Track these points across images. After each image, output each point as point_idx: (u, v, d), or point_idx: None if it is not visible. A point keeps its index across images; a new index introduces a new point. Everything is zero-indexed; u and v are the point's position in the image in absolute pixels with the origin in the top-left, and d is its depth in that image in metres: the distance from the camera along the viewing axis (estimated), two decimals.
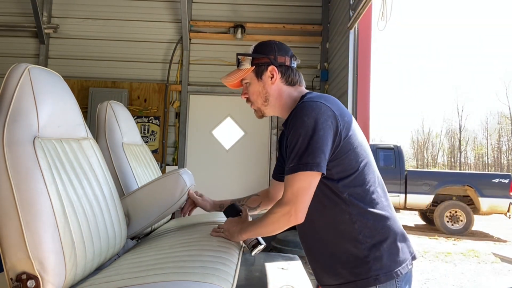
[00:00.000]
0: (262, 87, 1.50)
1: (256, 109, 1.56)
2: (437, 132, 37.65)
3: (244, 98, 1.57)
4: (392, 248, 1.34)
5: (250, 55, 1.51)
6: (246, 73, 1.50)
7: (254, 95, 1.52)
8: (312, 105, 1.32)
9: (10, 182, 1.17)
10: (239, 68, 1.53)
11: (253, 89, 1.51)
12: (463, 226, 8.99)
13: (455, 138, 35.76)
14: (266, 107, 1.52)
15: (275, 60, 1.49)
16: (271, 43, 1.52)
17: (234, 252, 1.45)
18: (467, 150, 36.00)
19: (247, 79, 1.52)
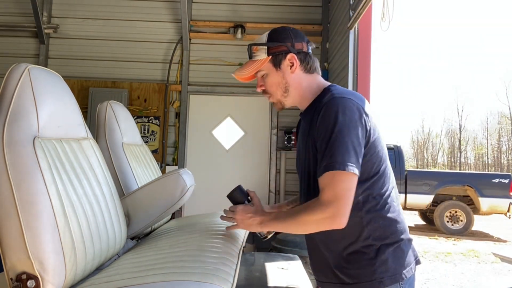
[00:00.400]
0: (282, 77, 1.40)
1: (275, 101, 1.46)
2: (437, 132, 37.68)
3: (260, 91, 1.47)
4: (398, 251, 1.31)
5: (265, 44, 1.40)
6: (263, 63, 1.40)
7: (273, 86, 1.43)
8: (346, 103, 1.26)
9: (10, 182, 1.17)
10: (254, 59, 1.42)
11: (272, 80, 1.42)
12: (463, 226, 8.99)
13: (455, 138, 35.77)
14: (286, 98, 1.43)
15: (292, 47, 1.39)
16: (286, 29, 1.43)
17: (234, 252, 1.44)
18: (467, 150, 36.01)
19: (263, 70, 1.42)
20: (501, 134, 34.09)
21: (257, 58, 1.41)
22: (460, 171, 20.57)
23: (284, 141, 4.98)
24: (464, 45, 63.26)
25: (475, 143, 36.29)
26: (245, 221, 1.39)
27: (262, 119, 5.14)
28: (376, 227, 1.30)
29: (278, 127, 5.07)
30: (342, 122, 1.22)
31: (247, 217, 1.39)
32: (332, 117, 1.23)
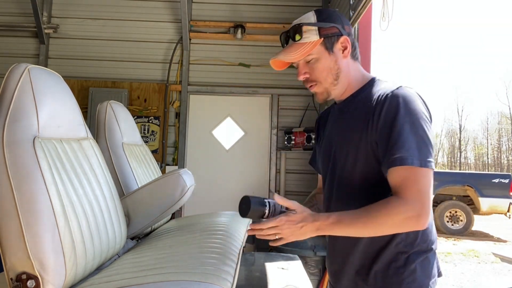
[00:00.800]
0: (334, 62, 1.26)
1: (321, 91, 1.28)
2: (437, 132, 37.66)
3: (303, 79, 1.28)
4: (426, 262, 1.21)
5: (317, 25, 1.24)
6: (314, 46, 1.24)
7: (324, 72, 1.25)
8: (414, 95, 1.17)
9: (10, 182, 1.17)
10: (300, 42, 1.24)
11: (323, 66, 1.25)
12: (463, 226, 8.99)
13: (455, 138, 35.76)
14: (336, 87, 1.27)
15: (343, 29, 1.27)
16: (332, 10, 1.31)
17: (234, 252, 1.44)
18: (467, 150, 36.01)
19: (313, 54, 1.24)
20: (501, 134, 34.09)
21: (306, 40, 1.24)
22: (460, 171, 20.56)
23: (284, 141, 4.98)
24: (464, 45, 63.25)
25: (475, 143, 36.30)
26: (296, 232, 1.13)
27: (262, 119, 5.14)
28: (411, 233, 1.19)
29: (278, 127, 5.07)
30: (415, 114, 1.13)
31: (298, 227, 1.13)
32: (402, 108, 1.13)
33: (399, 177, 1.10)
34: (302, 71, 1.28)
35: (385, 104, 1.16)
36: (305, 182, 4.91)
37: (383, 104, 1.16)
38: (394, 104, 1.14)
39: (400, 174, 1.10)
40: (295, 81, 5.10)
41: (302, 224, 1.13)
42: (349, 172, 1.25)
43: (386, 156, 1.13)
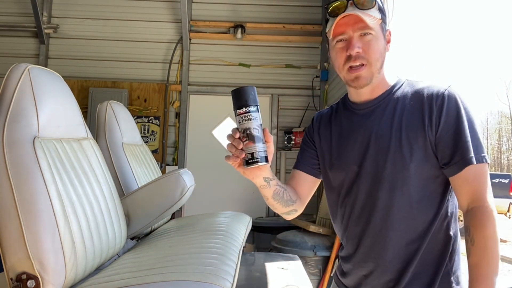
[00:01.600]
0: (383, 48, 1.17)
1: (366, 75, 1.16)
2: None
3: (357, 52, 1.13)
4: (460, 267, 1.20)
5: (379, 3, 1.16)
6: (378, 23, 1.15)
7: (378, 53, 1.15)
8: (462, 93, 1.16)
9: (10, 182, 1.17)
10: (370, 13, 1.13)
11: (378, 46, 1.15)
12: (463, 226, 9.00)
13: None
14: (378, 75, 1.18)
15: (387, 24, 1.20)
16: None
17: (234, 252, 1.44)
18: None
19: (373, 31, 1.13)
20: (501, 134, 34.09)
21: (372, 13, 1.13)
22: None
23: (284, 141, 4.98)
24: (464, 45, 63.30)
25: None
26: None
27: (262, 119, 5.14)
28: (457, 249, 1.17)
29: (278, 127, 5.07)
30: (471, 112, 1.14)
31: None
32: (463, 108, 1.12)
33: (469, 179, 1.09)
34: (357, 44, 1.13)
35: (444, 105, 1.12)
36: None
37: (442, 103, 1.12)
38: (453, 104, 1.12)
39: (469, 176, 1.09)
40: (295, 81, 5.11)
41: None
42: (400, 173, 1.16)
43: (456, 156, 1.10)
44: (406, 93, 1.19)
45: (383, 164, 1.18)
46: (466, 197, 1.10)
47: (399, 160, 1.15)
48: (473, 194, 1.09)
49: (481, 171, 1.09)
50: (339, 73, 1.20)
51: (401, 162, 1.15)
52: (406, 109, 1.17)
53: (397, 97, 1.20)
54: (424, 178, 1.15)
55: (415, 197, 1.15)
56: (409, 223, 1.16)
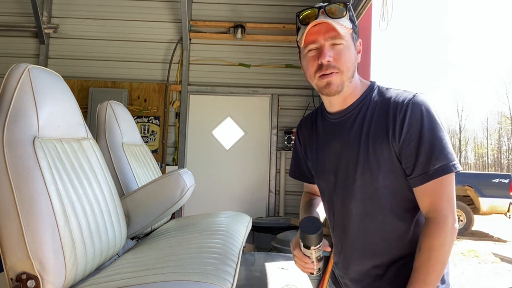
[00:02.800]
0: (355, 57, 1.17)
1: (338, 82, 1.15)
2: None
3: (327, 61, 1.13)
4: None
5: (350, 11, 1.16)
6: (348, 32, 1.15)
7: (349, 63, 1.15)
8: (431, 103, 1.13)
9: (10, 182, 1.17)
10: (342, 22, 1.13)
11: (350, 55, 1.15)
12: (463, 226, 8.98)
13: (455, 138, 35.77)
14: (350, 84, 1.17)
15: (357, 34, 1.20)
16: None
17: (234, 252, 1.44)
18: (467, 150, 36.02)
19: (344, 40, 1.13)
20: (501, 134, 34.10)
21: (344, 23, 1.14)
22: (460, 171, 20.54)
23: (284, 141, 4.98)
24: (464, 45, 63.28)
25: (475, 143, 36.31)
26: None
27: (262, 119, 5.14)
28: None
29: (278, 127, 5.07)
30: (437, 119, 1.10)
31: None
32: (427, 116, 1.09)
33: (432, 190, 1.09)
34: (328, 53, 1.13)
35: (407, 114, 1.10)
36: None
37: (405, 113, 1.10)
38: (416, 114, 1.10)
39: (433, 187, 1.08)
40: (295, 81, 5.11)
41: None
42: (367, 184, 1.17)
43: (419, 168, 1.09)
44: (376, 102, 1.19)
45: (353, 176, 1.19)
46: (424, 207, 1.11)
47: (367, 172, 1.16)
48: (430, 205, 1.09)
49: (442, 183, 1.08)
50: (311, 81, 1.20)
51: (370, 174, 1.15)
52: (373, 119, 1.17)
53: (367, 107, 1.19)
54: (394, 188, 1.16)
55: (387, 206, 1.16)
56: (385, 231, 1.17)
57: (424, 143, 1.08)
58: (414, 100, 1.11)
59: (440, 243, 1.07)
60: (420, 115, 1.09)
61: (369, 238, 1.19)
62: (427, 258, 1.07)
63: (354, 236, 1.22)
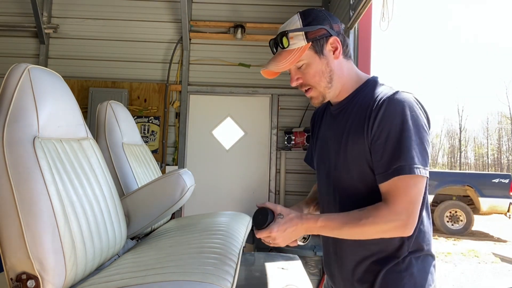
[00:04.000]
0: (326, 64, 1.22)
1: (316, 95, 1.25)
2: (437, 132, 37.67)
3: (297, 85, 1.25)
4: (427, 265, 1.20)
5: (303, 29, 1.20)
6: (302, 52, 1.19)
7: (316, 76, 1.22)
8: (412, 100, 1.13)
9: (10, 182, 1.17)
10: (289, 49, 1.20)
11: (314, 70, 1.21)
12: (463, 226, 8.99)
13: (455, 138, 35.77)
14: (330, 90, 1.24)
15: (332, 29, 1.21)
16: (319, 10, 1.25)
17: (234, 252, 1.44)
18: (467, 150, 36.01)
19: (303, 60, 1.21)
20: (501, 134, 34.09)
21: (294, 46, 1.20)
22: (460, 171, 20.56)
23: (284, 141, 4.98)
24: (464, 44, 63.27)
25: (475, 143, 36.30)
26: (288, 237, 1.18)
27: (262, 119, 5.14)
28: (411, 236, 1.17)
29: (278, 127, 5.07)
30: (412, 120, 1.09)
31: (288, 232, 1.17)
32: (400, 115, 1.10)
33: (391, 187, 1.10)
34: (295, 77, 1.25)
35: (380, 111, 1.12)
36: (305, 182, 4.91)
37: (379, 110, 1.12)
38: (390, 112, 1.11)
39: (392, 185, 1.10)
40: None
41: (292, 229, 1.16)
42: (345, 177, 1.22)
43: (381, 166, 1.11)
44: (365, 96, 1.22)
45: (335, 166, 1.25)
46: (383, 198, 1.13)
47: (345, 165, 1.21)
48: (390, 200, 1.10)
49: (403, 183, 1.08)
50: None
51: (347, 167, 1.20)
52: (358, 113, 1.20)
53: (357, 101, 1.23)
54: (370, 183, 1.17)
55: (363, 202, 1.17)
56: None
57: (390, 142, 1.09)
58: (391, 98, 1.13)
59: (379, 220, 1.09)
60: (392, 114, 1.11)
61: None
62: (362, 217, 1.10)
63: None
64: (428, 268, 1.20)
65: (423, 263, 1.20)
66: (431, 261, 1.23)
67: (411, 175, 1.07)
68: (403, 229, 1.09)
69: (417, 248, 1.19)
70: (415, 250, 1.19)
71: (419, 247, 1.19)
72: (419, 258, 1.19)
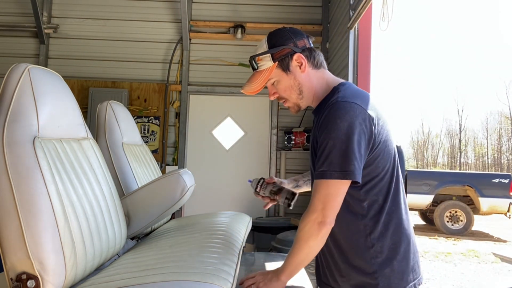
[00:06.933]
0: (293, 79, 1.36)
1: (291, 105, 1.43)
2: (437, 132, 37.70)
3: (274, 98, 1.43)
4: (403, 266, 1.27)
5: (268, 52, 1.34)
6: (271, 72, 1.35)
7: (287, 91, 1.38)
8: (347, 107, 1.21)
9: (10, 182, 1.17)
10: (259, 70, 1.37)
11: (284, 85, 1.37)
12: (463, 226, 8.99)
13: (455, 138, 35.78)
14: (302, 100, 1.40)
15: (295, 46, 1.35)
16: (283, 30, 1.38)
17: (234, 252, 1.45)
18: (467, 150, 36.02)
19: (273, 78, 1.37)
20: (501, 134, 34.09)
21: (263, 68, 1.36)
22: (460, 171, 20.56)
23: (284, 141, 4.98)
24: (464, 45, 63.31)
25: (475, 143, 36.30)
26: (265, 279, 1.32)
27: (262, 119, 5.14)
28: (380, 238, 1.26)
29: (278, 127, 5.07)
30: (341, 127, 1.19)
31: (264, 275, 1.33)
32: (331, 123, 1.21)
33: (314, 189, 1.24)
34: (271, 91, 1.42)
35: (322, 117, 1.26)
36: None
37: (322, 115, 1.27)
38: (326, 120, 1.23)
39: (314, 187, 1.24)
40: None
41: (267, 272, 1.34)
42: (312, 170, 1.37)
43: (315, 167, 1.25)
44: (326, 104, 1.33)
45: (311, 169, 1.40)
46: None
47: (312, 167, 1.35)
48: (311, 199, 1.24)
49: (322, 185, 1.22)
50: None
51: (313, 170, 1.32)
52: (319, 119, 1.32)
53: (321, 108, 1.35)
54: None
55: None
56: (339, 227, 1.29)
57: (320, 146, 1.23)
58: (331, 106, 1.25)
59: (301, 227, 1.24)
60: (327, 120, 1.23)
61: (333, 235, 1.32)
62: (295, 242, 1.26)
63: None
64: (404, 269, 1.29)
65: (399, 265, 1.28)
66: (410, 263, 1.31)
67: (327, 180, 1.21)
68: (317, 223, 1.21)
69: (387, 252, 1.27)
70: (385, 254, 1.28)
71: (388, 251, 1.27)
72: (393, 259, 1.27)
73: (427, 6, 69.02)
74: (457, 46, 62.21)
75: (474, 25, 65.79)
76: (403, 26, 70.47)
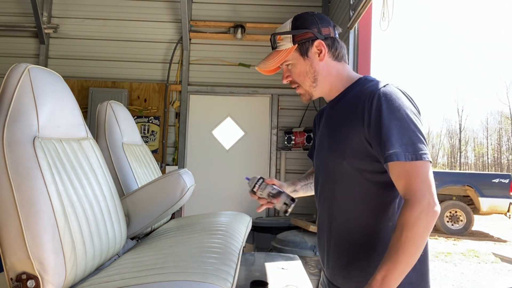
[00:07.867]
0: (310, 66, 1.31)
1: (303, 92, 1.36)
2: (437, 132, 37.70)
3: (286, 82, 1.38)
4: (423, 266, 1.20)
5: (290, 33, 1.30)
6: (289, 53, 1.31)
7: (301, 76, 1.33)
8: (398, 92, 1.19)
9: (10, 182, 1.17)
10: (278, 50, 1.33)
11: (299, 70, 1.32)
12: (463, 226, 8.98)
13: (455, 138, 35.78)
14: (315, 88, 1.34)
15: (319, 33, 1.30)
16: (311, 14, 1.34)
17: (234, 252, 1.45)
18: (467, 150, 36.01)
19: (289, 60, 1.32)
20: (501, 134, 34.09)
21: (281, 48, 1.32)
22: (460, 171, 20.55)
23: (284, 141, 4.98)
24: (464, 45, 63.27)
25: (475, 143, 36.30)
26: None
27: (262, 119, 5.14)
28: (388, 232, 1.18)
29: (278, 127, 5.07)
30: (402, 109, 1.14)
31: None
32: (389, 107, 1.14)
33: (400, 173, 1.11)
34: (285, 74, 1.37)
35: (373, 103, 1.17)
36: None
37: (371, 103, 1.18)
38: (380, 103, 1.16)
39: (400, 170, 1.11)
40: None
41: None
42: (340, 168, 1.27)
43: (382, 154, 1.14)
44: (356, 92, 1.28)
45: (327, 159, 1.33)
46: (400, 190, 1.14)
47: (337, 156, 1.27)
48: (405, 187, 1.11)
49: (412, 167, 1.10)
50: None
51: (338, 159, 1.26)
52: (349, 109, 1.27)
53: (349, 97, 1.30)
54: (359, 174, 1.23)
55: (351, 190, 1.24)
56: (348, 215, 1.26)
57: (385, 130, 1.13)
58: (381, 90, 1.19)
59: (412, 222, 1.06)
60: (381, 105, 1.16)
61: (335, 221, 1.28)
62: (399, 236, 1.07)
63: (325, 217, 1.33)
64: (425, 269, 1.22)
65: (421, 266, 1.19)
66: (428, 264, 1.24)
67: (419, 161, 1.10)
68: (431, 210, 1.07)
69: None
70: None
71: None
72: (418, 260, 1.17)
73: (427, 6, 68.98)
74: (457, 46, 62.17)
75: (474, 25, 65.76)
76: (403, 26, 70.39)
